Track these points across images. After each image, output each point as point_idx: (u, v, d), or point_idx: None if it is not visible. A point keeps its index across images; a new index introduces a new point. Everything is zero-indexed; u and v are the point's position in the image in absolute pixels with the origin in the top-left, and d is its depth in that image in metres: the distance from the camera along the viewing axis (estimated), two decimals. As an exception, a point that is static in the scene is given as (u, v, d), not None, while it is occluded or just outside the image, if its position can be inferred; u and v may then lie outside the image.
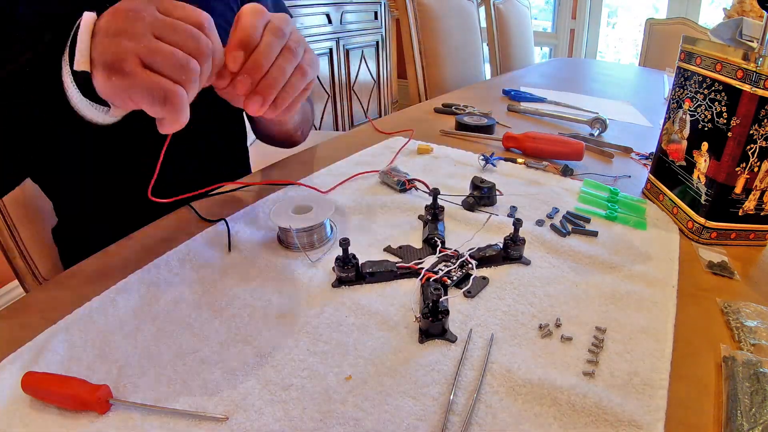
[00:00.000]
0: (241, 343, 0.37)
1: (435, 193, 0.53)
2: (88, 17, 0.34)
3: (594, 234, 0.54)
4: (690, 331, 0.41)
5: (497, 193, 0.60)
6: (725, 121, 0.50)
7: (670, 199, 0.60)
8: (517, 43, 2.07)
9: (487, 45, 1.93)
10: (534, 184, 0.66)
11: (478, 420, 0.32)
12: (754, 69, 0.46)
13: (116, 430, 0.30)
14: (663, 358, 0.37)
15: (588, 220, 0.57)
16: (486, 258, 0.47)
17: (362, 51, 2.73)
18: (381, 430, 0.31)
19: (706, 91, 0.53)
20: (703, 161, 0.53)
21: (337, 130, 2.62)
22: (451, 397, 0.33)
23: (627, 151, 0.82)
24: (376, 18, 2.80)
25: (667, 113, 0.61)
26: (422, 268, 0.45)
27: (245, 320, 0.39)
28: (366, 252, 0.49)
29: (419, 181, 0.62)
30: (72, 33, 0.34)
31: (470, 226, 0.54)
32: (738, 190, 0.51)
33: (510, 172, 0.70)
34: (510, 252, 0.48)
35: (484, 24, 1.89)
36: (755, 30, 0.55)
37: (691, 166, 0.56)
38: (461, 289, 0.44)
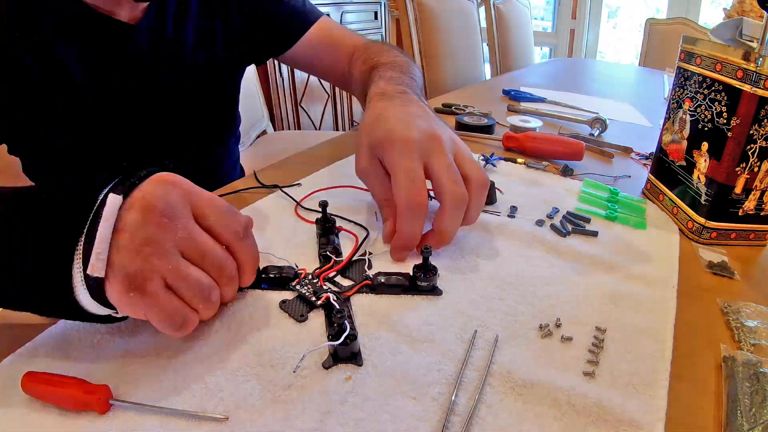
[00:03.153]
0: (241, 343, 0.37)
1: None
2: (112, 205, 0.29)
3: (594, 234, 0.54)
4: (690, 331, 0.41)
5: (497, 191, 0.60)
6: (725, 121, 0.50)
7: (670, 199, 0.60)
8: (517, 43, 2.08)
9: (487, 45, 1.93)
10: (534, 184, 0.66)
11: (479, 420, 0.32)
12: (754, 69, 0.46)
13: (116, 430, 0.30)
14: (663, 358, 0.37)
15: (588, 220, 0.57)
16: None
17: (362, 51, 2.72)
18: (381, 430, 0.31)
19: (706, 91, 0.53)
20: (703, 161, 0.53)
21: (337, 130, 2.62)
22: (453, 398, 0.33)
23: (627, 151, 0.82)
24: (376, 18, 2.80)
25: (667, 113, 0.61)
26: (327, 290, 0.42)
27: (246, 320, 0.39)
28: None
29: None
30: (91, 215, 0.30)
31: (469, 227, 0.54)
32: (738, 190, 0.51)
33: (510, 172, 0.70)
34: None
35: (484, 24, 1.89)
36: (755, 30, 0.55)
37: (691, 166, 0.56)
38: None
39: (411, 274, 0.43)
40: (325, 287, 0.43)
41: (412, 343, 0.38)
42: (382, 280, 0.43)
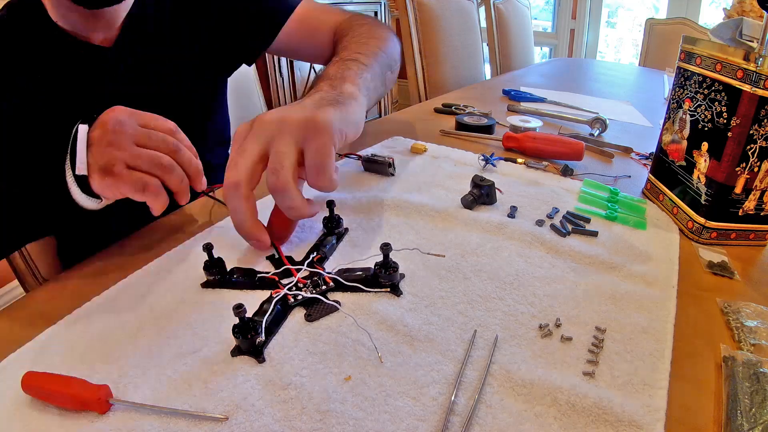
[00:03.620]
0: (241, 343, 0.37)
1: (331, 205, 0.50)
2: (83, 130, 0.44)
3: (594, 234, 0.54)
4: (690, 331, 0.41)
5: (497, 191, 0.60)
6: (725, 121, 0.50)
7: (670, 199, 0.60)
8: (517, 43, 2.07)
9: (487, 45, 1.93)
10: (534, 184, 0.66)
11: (479, 420, 0.32)
12: (754, 69, 0.46)
13: (116, 430, 0.30)
14: (663, 358, 0.37)
15: (588, 220, 0.57)
16: (352, 281, 0.43)
17: (362, 51, 2.72)
18: (381, 430, 0.31)
19: (706, 91, 0.53)
20: (703, 161, 0.53)
21: (337, 130, 2.61)
22: (453, 398, 0.33)
23: (627, 151, 0.82)
24: (376, 18, 2.80)
25: (667, 113, 0.61)
26: (281, 282, 0.43)
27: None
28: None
29: (353, 154, 0.61)
30: (70, 142, 0.44)
31: (469, 227, 0.54)
32: (738, 190, 0.51)
33: (510, 172, 0.70)
34: (380, 280, 0.43)
35: (484, 24, 1.88)
36: (755, 30, 0.55)
37: (691, 166, 0.56)
38: (307, 310, 0.41)
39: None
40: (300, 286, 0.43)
41: (412, 343, 0.38)
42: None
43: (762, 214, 0.52)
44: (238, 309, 0.35)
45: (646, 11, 3.29)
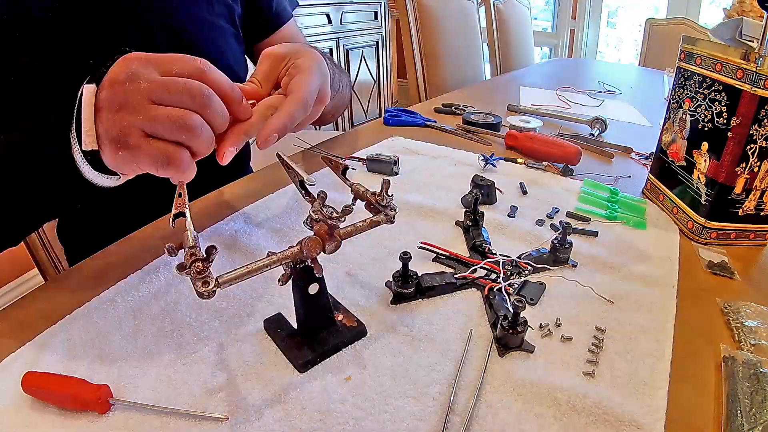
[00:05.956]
0: (241, 343, 0.37)
1: (475, 198, 0.52)
2: (88, 93, 0.35)
3: (594, 234, 0.54)
4: (690, 331, 0.41)
5: (498, 191, 0.60)
6: (725, 121, 0.50)
7: (670, 199, 0.60)
8: (517, 43, 2.07)
9: (487, 45, 1.93)
10: (534, 184, 0.66)
11: (479, 420, 0.32)
12: (754, 69, 0.46)
13: (116, 430, 0.30)
14: (663, 358, 0.37)
15: (588, 220, 0.57)
16: (539, 262, 0.48)
17: (362, 51, 2.73)
18: (381, 430, 0.31)
19: (706, 91, 0.53)
20: (703, 161, 0.53)
21: (337, 129, 2.62)
22: (452, 398, 0.33)
23: (627, 151, 0.82)
24: (376, 18, 2.80)
25: (667, 113, 0.61)
26: (481, 278, 0.45)
27: (245, 320, 0.39)
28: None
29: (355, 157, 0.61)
30: (76, 109, 0.35)
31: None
32: (738, 190, 0.51)
33: (510, 172, 0.70)
34: (558, 255, 0.48)
35: (484, 24, 1.88)
36: (755, 30, 0.55)
37: (691, 166, 0.56)
38: (520, 295, 0.43)
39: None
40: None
41: (412, 343, 0.38)
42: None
43: (762, 214, 0.52)
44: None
45: (646, 11, 3.29)
